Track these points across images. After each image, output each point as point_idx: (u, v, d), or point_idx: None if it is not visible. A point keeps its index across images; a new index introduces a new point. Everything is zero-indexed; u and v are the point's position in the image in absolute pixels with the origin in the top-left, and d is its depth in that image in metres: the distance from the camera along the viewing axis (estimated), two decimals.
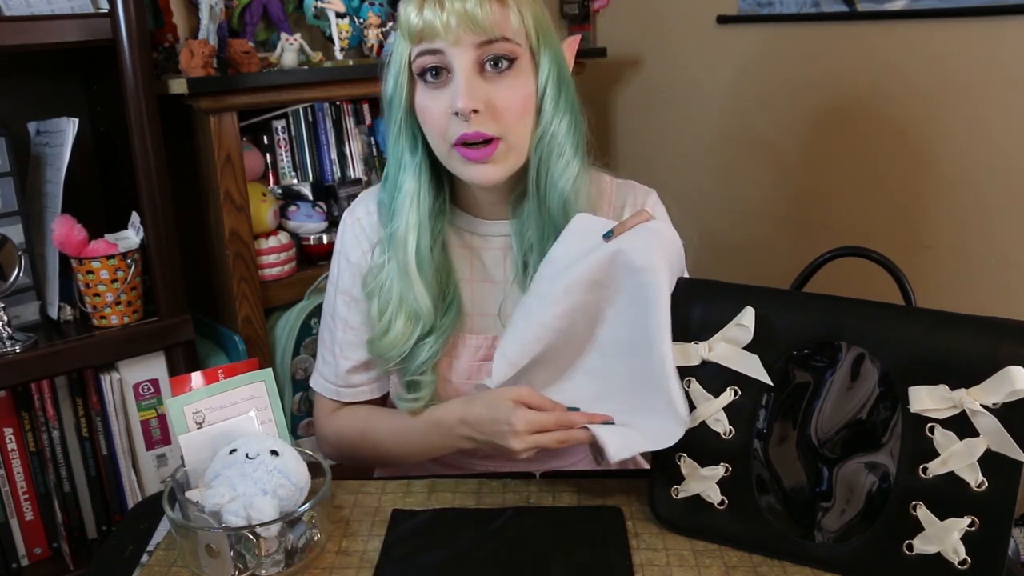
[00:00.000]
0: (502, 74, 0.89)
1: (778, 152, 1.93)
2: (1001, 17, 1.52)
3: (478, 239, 1.02)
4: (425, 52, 0.89)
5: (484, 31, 0.87)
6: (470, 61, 0.88)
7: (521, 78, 0.91)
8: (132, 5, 1.30)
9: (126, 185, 1.51)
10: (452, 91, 0.89)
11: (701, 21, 2.00)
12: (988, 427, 0.73)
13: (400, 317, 0.97)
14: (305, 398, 1.65)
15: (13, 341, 1.32)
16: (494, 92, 0.89)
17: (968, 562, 0.75)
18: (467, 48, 0.88)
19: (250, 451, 0.82)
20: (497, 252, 1.02)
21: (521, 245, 0.99)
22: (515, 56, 0.90)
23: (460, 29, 0.87)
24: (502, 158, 0.92)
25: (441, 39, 0.87)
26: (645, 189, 1.07)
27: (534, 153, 0.94)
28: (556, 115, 0.93)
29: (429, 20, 0.87)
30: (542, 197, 0.95)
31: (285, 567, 0.82)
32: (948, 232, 1.67)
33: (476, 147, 0.90)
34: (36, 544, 1.44)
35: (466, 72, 0.88)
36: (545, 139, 0.94)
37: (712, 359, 0.84)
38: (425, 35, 0.88)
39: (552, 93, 0.93)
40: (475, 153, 0.90)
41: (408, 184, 0.96)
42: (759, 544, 0.83)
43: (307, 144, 1.76)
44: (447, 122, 0.90)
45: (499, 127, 0.90)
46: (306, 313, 1.59)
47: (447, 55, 0.88)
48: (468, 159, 0.91)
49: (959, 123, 1.61)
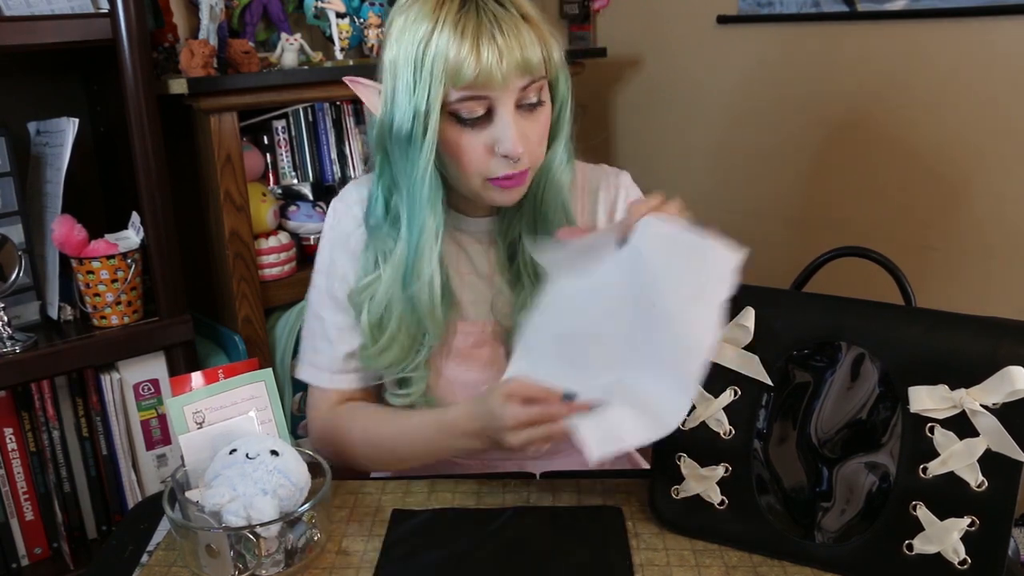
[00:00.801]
0: (534, 109, 0.90)
1: (778, 152, 1.93)
2: (1001, 17, 1.52)
3: (462, 235, 1.03)
4: (471, 97, 0.86)
5: (531, 75, 0.87)
6: (513, 103, 0.88)
7: (546, 108, 0.92)
8: (132, 5, 1.30)
9: (126, 185, 1.51)
10: (494, 133, 0.88)
11: (701, 21, 2.00)
12: (988, 427, 0.73)
13: (402, 338, 0.97)
14: (305, 398, 1.65)
15: (13, 341, 1.32)
16: (528, 127, 0.90)
17: (968, 562, 0.75)
18: (513, 92, 0.87)
19: (250, 451, 0.82)
20: (481, 246, 1.04)
21: (505, 238, 1.01)
22: (542, 88, 0.91)
23: (514, 74, 0.85)
24: (527, 179, 0.94)
25: (496, 87, 0.85)
26: (616, 171, 1.08)
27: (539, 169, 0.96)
28: (560, 135, 0.96)
29: (488, 67, 0.84)
30: (538, 205, 0.98)
31: (285, 567, 0.82)
32: (948, 232, 1.67)
33: (511, 178, 0.91)
34: (36, 544, 1.44)
35: (512, 116, 0.88)
36: (551, 155, 0.96)
37: (712, 359, 0.84)
38: (479, 82, 0.85)
39: (565, 115, 0.96)
40: (512, 183, 0.91)
41: (430, 224, 0.93)
42: (759, 544, 0.83)
43: (307, 144, 1.76)
44: (487, 161, 0.90)
45: (532, 158, 0.92)
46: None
47: (492, 99, 0.87)
48: (504, 187, 0.92)
49: (959, 123, 1.61)
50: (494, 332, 1.03)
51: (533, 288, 0.99)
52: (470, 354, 1.02)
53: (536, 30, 0.88)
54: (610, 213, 1.06)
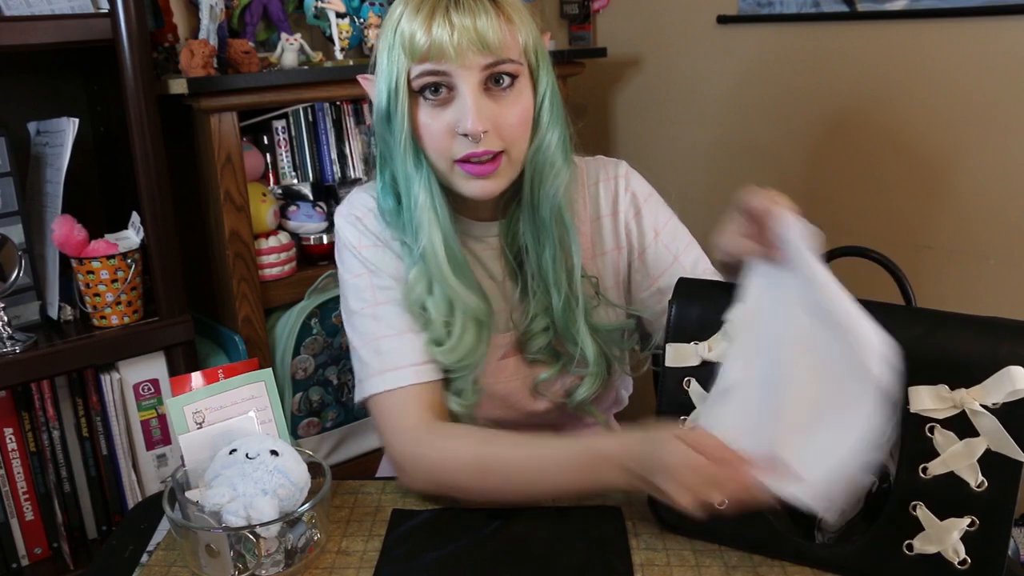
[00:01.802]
0: (505, 91, 0.89)
1: (778, 152, 1.93)
2: (1001, 17, 1.52)
3: (472, 240, 1.02)
4: (429, 72, 0.88)
5: (493, 53, 0.86)
6: (476, 82, 0.87)
7: (523, 95, 0.91)
8: (132, 5, 1.30)
9: (126, 185, 1.51)
10: (458, 111, 0.88)
11: (701, 21, 2.00)
12: (988, 427, 0.73)
13: (470, 326, 0.95)
14: (305, 398, 1.65)
15: (13, 341, 1.32)
16: (498, 110, 0.89)
17: (968, 562, 0.75)
18: (474, 70, 0.87)
19: (250, 451, 0.82)
20: (491, 252, 1.03)
21: (512, 244, 1.00)
22: (517, 75, 0.90)
23: (470, 50, 0.85)
24: (504, 172, 0.92)
25: (450, 61, 0.86)
26: (615, 161, 1.08)
27: (528, 164, 0.95)
28: (550, 128, 0.94)
29: (439, 40, 0.85)
30: (536, 205, 0.96)
31: (285, 567, 0.82)
32: (948, 232, 1.67)
33: (481, 163, 0.90)
34: (36, 544, 1.44)
35: (474, 94, 0.87)
36: (540, 152, 0.94)
37: (712, 359, 0.84)
38: (432, 55, 0.86)
39: (548, 107, 0.94)
40: (480, 168, 0.90)
41: (422, 198, 0.93)
42: (759, 544, 0.83)
43: (307, 144, 1.75)
44: (450, 140, 0.90)
45: (503, 143, 0.90)
46: (306, 313, 1.59)
47: (452, 76, 0.87)
48: (472, 175, 0.91)
49: (959, 123, 1.61)
50: (516, 343, 1.03)
51: (540, 298, 0.99)
52: (499, 366, 1.02)
53: (502, 10, 0.87)
54: (612, 204, 1.05)
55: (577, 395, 1.03)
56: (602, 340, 1.01)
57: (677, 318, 0.86)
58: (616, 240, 1.06)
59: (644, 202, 1.06)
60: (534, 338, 1.01)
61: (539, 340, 1.01)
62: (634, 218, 1.05)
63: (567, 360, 1.02)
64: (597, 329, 1.01)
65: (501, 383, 1.03)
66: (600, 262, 1.06)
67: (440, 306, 0.96)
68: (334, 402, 1.69)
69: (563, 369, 1.03)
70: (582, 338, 0.99)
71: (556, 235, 0.96)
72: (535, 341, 1.02)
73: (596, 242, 1.06)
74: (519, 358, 1.03)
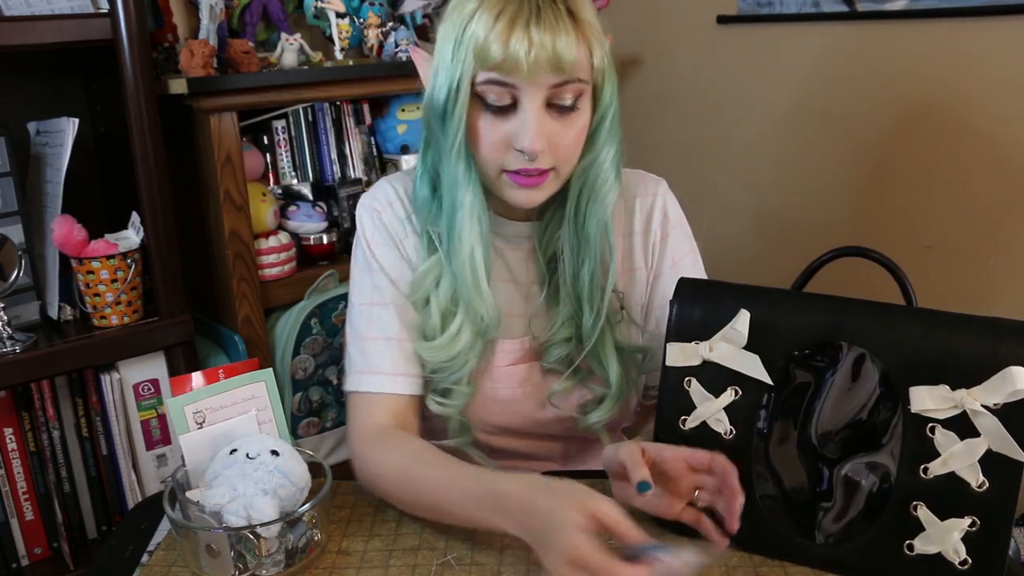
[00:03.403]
0: (566, 111, 0.87)
1: (778, 152, 1.93)
2: (1001, 17, 1.52)
3: (501, 240, 1.00)
4: (496, 82, 0.85)
5: (565, 73, 0.84)
6: (542, 99, 0.85)
7: (583, 114, 0.89)
8: (132, 5, 1.30)
9: (126, 185, 1.51)
10: (516, 125, 0.86)
11: (701, 21, 2.00)
12: (989, 427, 0.73)
13: (467, 329, 0.94)
14: (305, 398, 1.65)
15: (13, 341, 1.32)
16: (556, 129, 0.87)
17: (969, 562, 0.75)
18: (541, 88, 0.84)
19: (250, 451, 0.82)
20: (520, 253, 1.00)
21: (545, 248, 0.98)
22: (581, 93, 0.87)
23: (543, 69, 0.83)
24: (550, 185, 0.91)
25: (522, 77, 0.83)
26: (655, 178, 1.05)
27: (577, 179, 0.93)
28: (606, 146, 0.92)
29: (514, 54, 0.82)
30: (581, 219, 0.94)
31: (285, 567, 0.81)
32: (948, 232, 1.67)
33: (530, 176, 0.88)
34: (36, 544, 1.43)
35: (536, 112, 0.85)
36: (592, 168, 0.92)
37: (713, 359, 0.84)
38: (503, 67, 0.83)
39: (607, 125, 0.91)
40: (528, 180, 0.88)
41: (467, 200, 0.90)
42: (759, 544, 0.83)
43: (307, 144, 1.75)
44: (504, 151, 0.87)
45: (555, 160, 0.89)
46: (306, 313, 1.59)
47: (518, 90, 0.85)
48: (519, 184, 0.89)
49: (959, 123, 1.61)
50: (531, 349, 1.00)
51: (569, 309, 0.96)
52: (506, 372, 1.00)
53: (582, 30, 0.85)
54: (646, 221, 1.02)
55: (591, 417, 0.99)
56: (624, 361, 0.98)
57: (679, 318, 0.86)
58: (645, 258, 1.03)
59: (673, 228, 1.03)
60: (555, 347, 0.98)
61: (559, 350, 0.98)
62: (661, 241, 1.02)
63: (585, 374, 0.98)
64: (620, 348, 0.98)
65: (506, 388, 1.00)
66: (629, 278, 1.03)
67: (443, 301, 0.94)
68: (334, 402, 1.69)
69: (579, 383, 0.99)
70: (608, 359, 0.96)
71: (598, 252, 0.94)
72: (555, 350, 0.98)
73: (627, 257, 1.03)
74: (532, 365, 1.00)
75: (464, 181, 0.90)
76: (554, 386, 0.99)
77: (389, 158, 1.85)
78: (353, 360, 0.97)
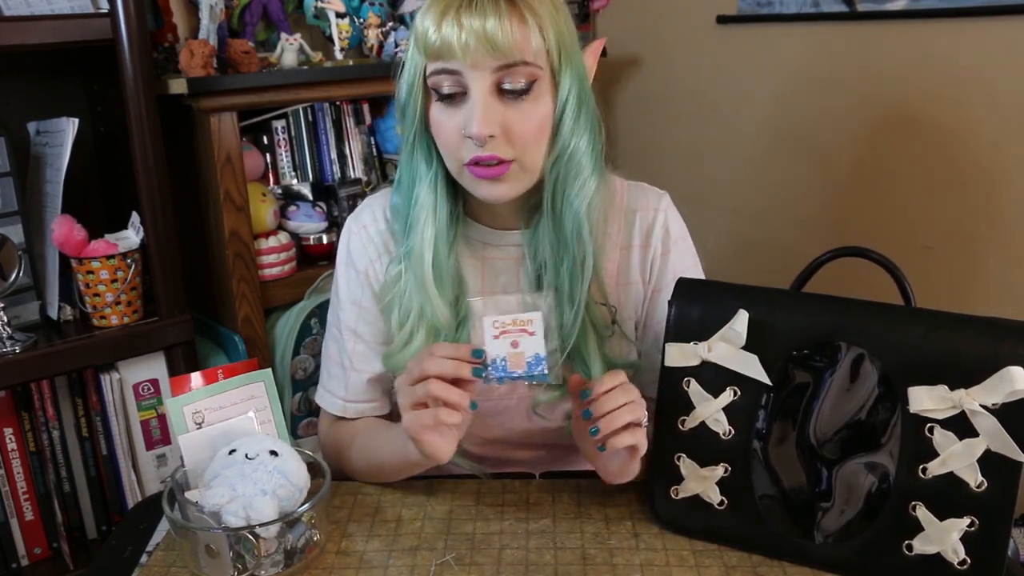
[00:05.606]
0: (520, 97, 0.86)
1: (778, 152, 1.93)
2: (1001, 17, 1.52)
3: (490, 249, 0.99)
4: (441, 71, 0.86)
5: (503, 54, 0.83)
6: (487, 84, 0.85)
7: (540, 101, 0.87)
8: (132, 5, 1.30)
9: (126, 185, 1.51)
10: (467, 113, 0.86)
11: (701, 21, 2.00)
12: (988, 427, 0.73)
13: (420, 331, 0.94)
14: (305, 398, 1.65)
15: (13, 341, 1.32)
16: (511, 116, 0.86)
17: (968, 562, 0.75)
18: (485, 72, 0.84)
19: (249, 451, 0.82)
20: (509, 262, 0.99)
21: (534, 258, 0.96)
22: (534, 79, 0.86)
23: (478, 51, 0.83)
24: (514, 178, 0.90)
25: (458, 60, 0.84)
26: (657, 192, 1.03)
27: (550, 173, 0.91)
28: (575, 134, 0.90)
29: (447, 39, 0.83)
30: (557, 216, 0.93)
31: (284, 567, 0.82)
32: (948, 232, 1.67)
33: (488, 166, 0.87)
34: (36, 544, 1.44)
35: (482, 96, 0.85)
36: (562, 160, 0.91)
37: (712, 359, 0.84)
38: (442, 53, 0.85)
39: (572, 113, 0.89)
40: (486, 172, 0.88)
41: (424, 196, 0.93)
42: (759, 544, 0.83)
43: (307, 144, 1.75)
44: (460, 142, 0.88)
45: (514, 150, 0.87)
46: (306, 313, 1.59)
47: (464, 76, 0.85)
48: (479, 177, 0.88)
49: (959, 123, 1.61)
50: None
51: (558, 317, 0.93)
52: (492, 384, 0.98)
53: (521, 12, 0.84)
54: (645, 236, 1.00)
55: None
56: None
57: (677, 318, 0.86)
58: (642, 273, 1.01)
59: (675, 243, 1.01)
60: None
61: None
62: (661, 256, 1.00)
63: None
64: (610, 363, 0.95)
65: (491, 400, 0.98)
66: (623, 292, 1.01)
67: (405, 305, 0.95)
68: None
69: (566, 395, 0.95)
70: (594, 370, 0.93)
71: (576, 245, 0.92)
72: None
73: (623, 270, 1.01)
74: None
75: (422, 177, 0.93)
76: (540, 397, 0.97)
77: (389, 158, 1.85)
78: (320, 373, 1.08)
